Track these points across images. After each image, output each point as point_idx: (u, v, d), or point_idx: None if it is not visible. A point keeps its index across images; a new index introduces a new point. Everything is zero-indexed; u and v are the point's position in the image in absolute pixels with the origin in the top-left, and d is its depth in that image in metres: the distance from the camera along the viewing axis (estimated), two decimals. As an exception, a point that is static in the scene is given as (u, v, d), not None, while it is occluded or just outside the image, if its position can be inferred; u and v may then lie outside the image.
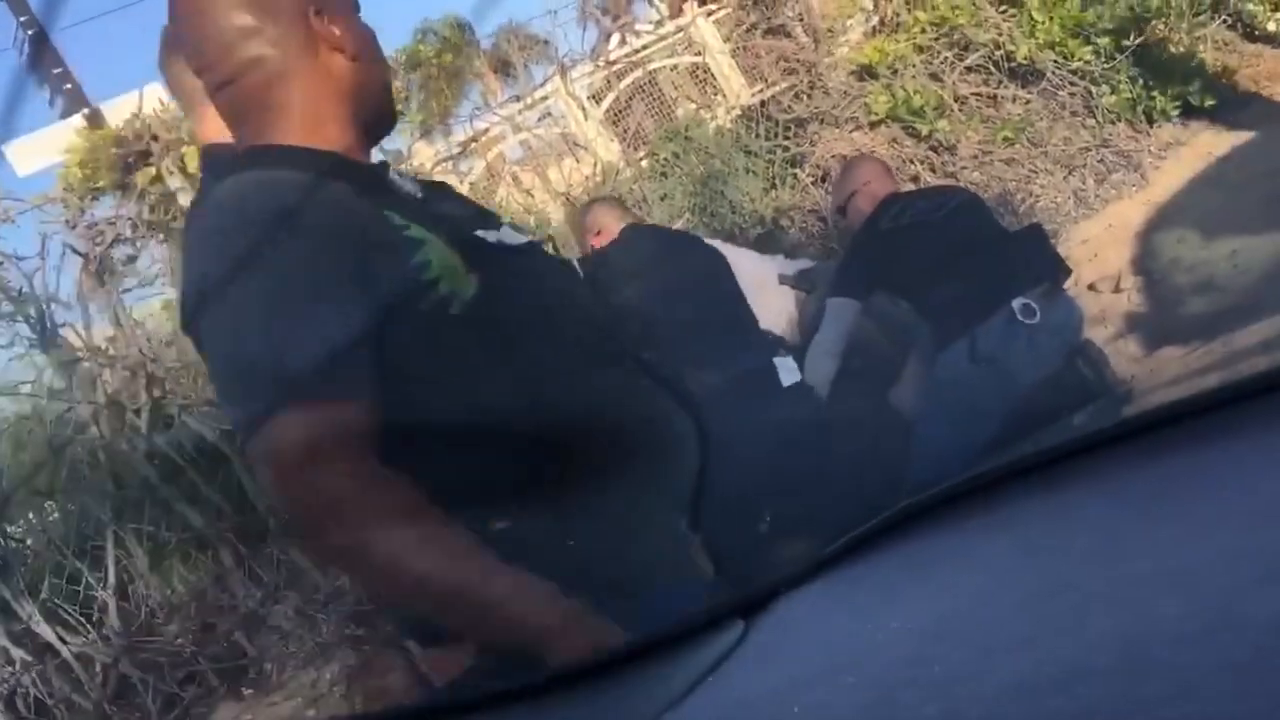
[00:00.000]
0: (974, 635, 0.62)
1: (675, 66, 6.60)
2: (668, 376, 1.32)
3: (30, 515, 4.75)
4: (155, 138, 4.60)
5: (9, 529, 4.63)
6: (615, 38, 7.54)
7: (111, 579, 4.21)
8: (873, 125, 5.74)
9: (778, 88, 6.01)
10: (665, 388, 1.31)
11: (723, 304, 3.28)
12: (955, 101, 5.75)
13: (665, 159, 6.04)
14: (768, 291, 3.60)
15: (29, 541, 4.67)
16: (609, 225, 3.62)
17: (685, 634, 0.82)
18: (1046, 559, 0.67)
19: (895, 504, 0.80)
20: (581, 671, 0.81)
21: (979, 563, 0.72)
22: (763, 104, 6.00)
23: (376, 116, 1.39)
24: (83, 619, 4.12)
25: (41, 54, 9.56)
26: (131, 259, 4.88)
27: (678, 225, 5.41)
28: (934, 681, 0.58)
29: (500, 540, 1.14)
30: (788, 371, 3.16)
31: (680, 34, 6.49)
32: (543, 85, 6.79)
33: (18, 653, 4.04)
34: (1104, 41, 5.68)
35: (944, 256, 3.17)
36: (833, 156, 5.60)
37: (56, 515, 4.75)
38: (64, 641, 4.06)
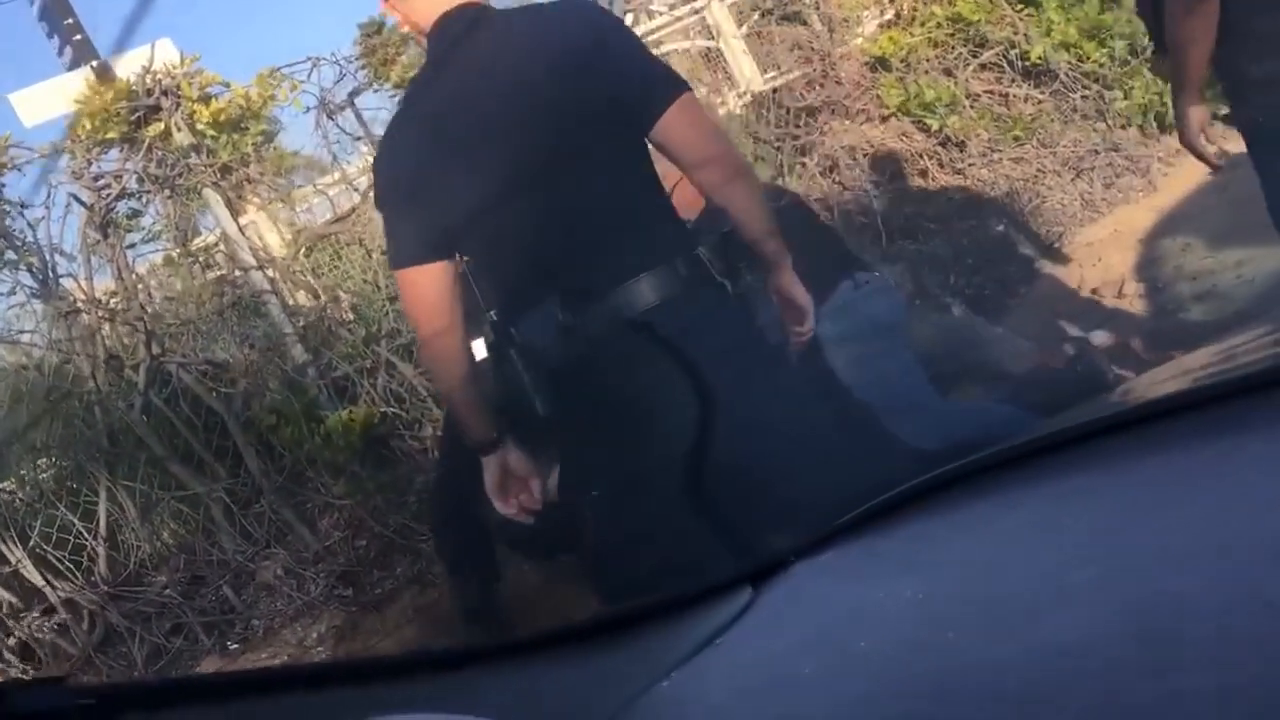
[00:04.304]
0: (988, 605, 0.63)
1: (688, 50, 6.56)
2: (682, 347, 1.33)
3: (22, 467, 4.74)
4: (165, 93, 4.57)
5: (1, 479, 4.63)
6: (629, 19, 7.50)
7: (102, 529, 4.22)
8: (883, 118, 5.72)
9: (790, 75, 5.98)
10: (680, 358, 1.32)
11: None
12: (967, 98, 5.72)
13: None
14: None
15: (20, 494, 4.66)
16: None
17: (693, 598, 0.83)
18: (1059, 537, 0.68)
19: (909, 479, 0.81)
20: (593, 629, 0.82)
21: (992, 538, 0.73)
22: (774, 91, 5.97)
23: None
24: (72, 565, 4.12)
25: (52, 4, 9.48)
26: (136, 213, 4.84)
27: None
28: (948, 646, 0.59)
29: None
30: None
31: (695, 17, 6.45)
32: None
33: (5, 596, 4.04)
34: (1119, 45, 5.65)
35: None
36: (842, 148, 5.59)
37: (51, 471, 4.74)
38: (52, 586, 4.06)
